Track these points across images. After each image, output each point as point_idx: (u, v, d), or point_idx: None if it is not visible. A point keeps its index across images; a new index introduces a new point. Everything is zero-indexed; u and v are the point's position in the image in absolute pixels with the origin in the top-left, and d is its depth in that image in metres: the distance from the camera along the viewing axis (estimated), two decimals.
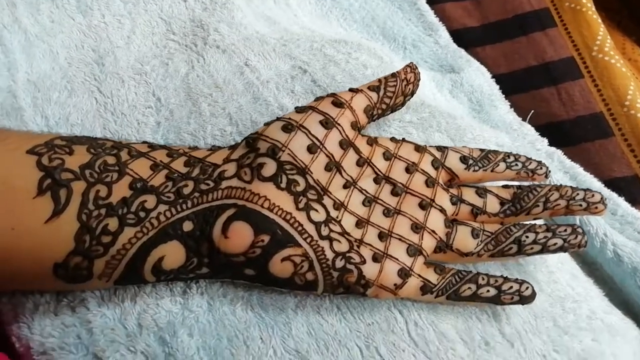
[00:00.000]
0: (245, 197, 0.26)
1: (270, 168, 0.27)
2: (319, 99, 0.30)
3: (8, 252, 0.23)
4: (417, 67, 0.33)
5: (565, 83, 0.44)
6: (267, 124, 0.29)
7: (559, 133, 0.42)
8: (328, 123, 0.28)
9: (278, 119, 0.29)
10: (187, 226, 0.25)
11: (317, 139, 0.28)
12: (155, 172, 0.26)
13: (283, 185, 0.27)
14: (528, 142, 0.41)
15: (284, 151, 0.27)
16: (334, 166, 0.28)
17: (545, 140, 0.41)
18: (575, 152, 0.40)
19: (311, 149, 0.27)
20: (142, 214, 0.24)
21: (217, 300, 0.27)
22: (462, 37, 0.48)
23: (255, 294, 0.28)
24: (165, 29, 0.39)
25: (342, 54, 0.40)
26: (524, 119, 0.43)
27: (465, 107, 0.44)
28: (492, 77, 0.45)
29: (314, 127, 0.28)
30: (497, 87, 0.45)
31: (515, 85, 0.45)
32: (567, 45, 0.46)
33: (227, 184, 0.26)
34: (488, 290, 0.28)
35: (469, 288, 0.28)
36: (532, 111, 0.44)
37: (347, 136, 0.29)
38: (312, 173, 0.27)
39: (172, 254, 0.25)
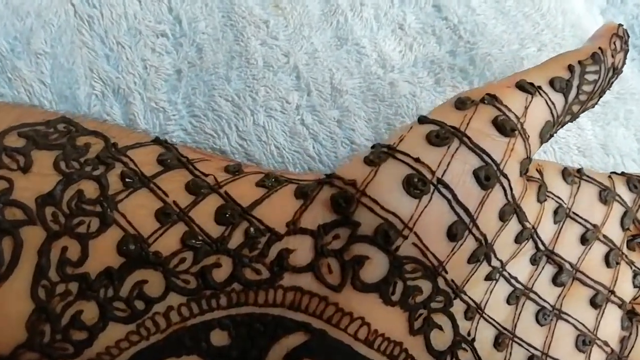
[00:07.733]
0: (326, 317, 0.15)
1: (378, 269, 0.15)
2: (463, 102, 0.17)
3: None
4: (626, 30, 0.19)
5: None
6: (370, 162, 0.16)
7: None
8: (490, 178, 0.16)
9: (389, 151, 0.16)
10: (219, 338, 0.14)
11: (466, 210, 0.15)
12: (163, 225, 0.15)
13: (396, 297, 0.15)
14: None
15: (406, 238, 0.15)
16: (482, 255, 0.16)
17: None
18: None
19: (455, 233, 0.15)
20: (138, 305, 0.14)
21: None
22: None
23: None
24: None
25: None
26: None
27: None
28: None
29: (462, 187, 0.15)
30: None
31: None
32: None
33: (294, 282, 0.15)
34: None
35: None
36: None
37: (512, 198, 0.16)
38: (447, 273, 0.16)
39: None
